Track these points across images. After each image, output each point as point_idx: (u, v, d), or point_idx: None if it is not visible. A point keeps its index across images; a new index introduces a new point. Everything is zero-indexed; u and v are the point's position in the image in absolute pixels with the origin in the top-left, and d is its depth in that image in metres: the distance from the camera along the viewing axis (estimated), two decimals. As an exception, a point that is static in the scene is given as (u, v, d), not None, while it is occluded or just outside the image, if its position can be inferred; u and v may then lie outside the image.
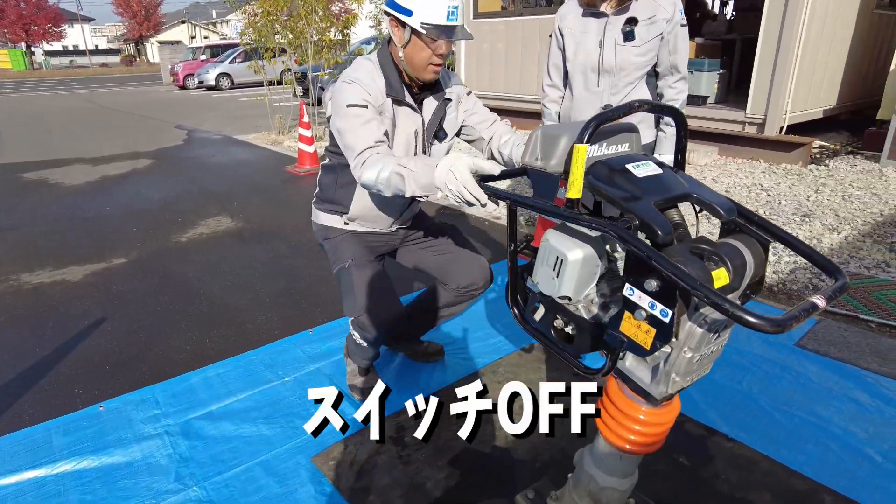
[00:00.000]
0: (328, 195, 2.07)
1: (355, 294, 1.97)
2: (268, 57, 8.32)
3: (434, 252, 2.20)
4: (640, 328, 1.12)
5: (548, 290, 1.33)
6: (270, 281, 3.46)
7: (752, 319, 0.92)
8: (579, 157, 1.15)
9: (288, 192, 5.57)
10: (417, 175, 1.54)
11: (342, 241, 2.07)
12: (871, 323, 2.72)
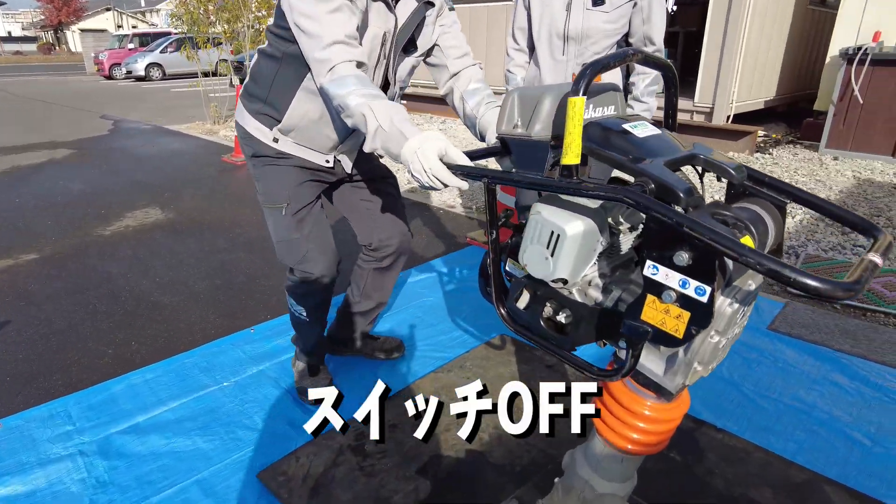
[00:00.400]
0: (260, 92, 1.69)
1: (290, 244, 1.80)
2: (201, 41, 7.80)
3: (363, 200, 1.96)
4: (670, 313, 0.93)
5: (540, 272, 1.12)
6: (206, 276, 3.12)
7: (820, 285, 0.75)
8: (576, 112, 0.95)
9: (224, 182, 5.17)
10: (387, 137, 1.30)
11: (274, 173, 1.75)
12: (835, 304, 2.69)
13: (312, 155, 1.76)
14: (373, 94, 1.37)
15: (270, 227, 1.84)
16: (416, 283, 2.96)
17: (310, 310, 1.92)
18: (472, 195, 4.63)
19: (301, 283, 1.86)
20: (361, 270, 2.08)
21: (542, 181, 1.04)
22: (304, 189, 1.78)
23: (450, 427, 1.87)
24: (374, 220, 1.97)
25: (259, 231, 3.81)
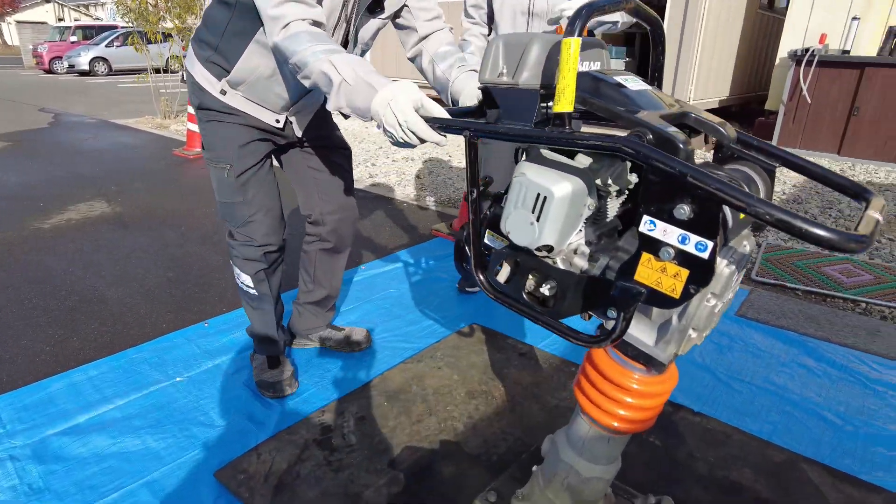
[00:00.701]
0: (211, 39, 1.58)
1: (232, 206, 1.71)
2: (150, 32, 7.46)
3: (311, 168, 1.86)
4: (666, 272, 0.87)
5: (524, 239, 1.05)
6: (157, 270, 2.93)
7: (832, 236, 0.70)
8: (571, 55, 0.88)
9: (176, 175, 4.92)
10: (352, 91, 1.20)
11: (219, 130, 1.64)
12: (797, 291, 2.73)
13: (262, 113, 1.65)
14: (331, 48, 1.27)
15: (214, 185, 1.73)
16: (380, 275, 2.86)
17: (256, 280, 1.81)
18: (434, 188, 4.55)
19: (242, 246, 1.76)
20: (308, 254, 2.00)
21: (531, 132, 0.97)
22: (249, 150, 1.67)
23: (422, 418, 1.78)
24: (319, 190, 1.87)
25: (214, 225, 3.62)
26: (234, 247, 1.79)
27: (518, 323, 2.37)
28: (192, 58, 1.64)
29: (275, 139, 1.74)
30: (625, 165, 1.10)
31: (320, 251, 1.97)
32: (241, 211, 1.71)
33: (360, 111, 1.21)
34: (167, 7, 7.32)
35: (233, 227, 1.76)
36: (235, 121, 1.63)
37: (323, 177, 1.87)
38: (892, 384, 1.99)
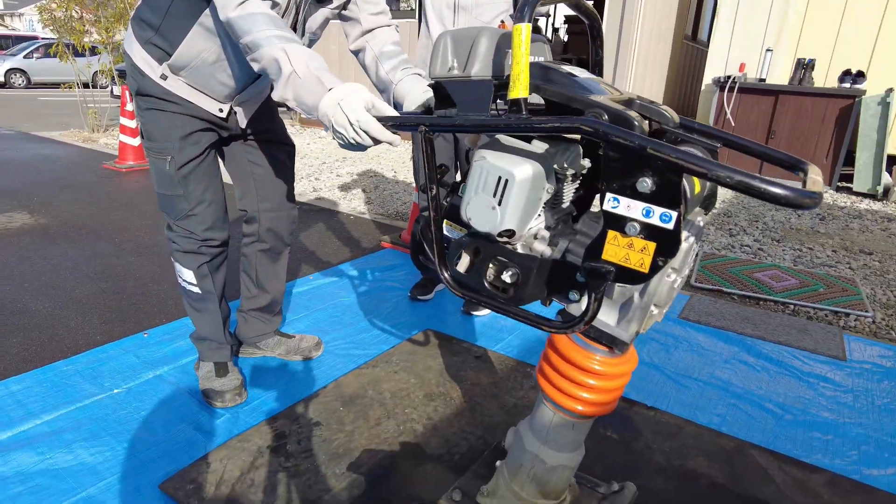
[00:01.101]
0: (153, 19, 1.49)
1: (173, 199, 1.64)
2: (77, 40, 7.13)
3: (252, 162, 1.80)
4: (633, 247, 0.89)
5: (486, 224, 1.05)
6: (88, 282, 2.74)
7: (788, 193, 0.74)
8: (522, 41, 0.90)
9: (107, 188, 4.67)
10: (302, 85, 1.17)
11: (159, 118, 1.56)
12: (733, 296, 2.88)
13: (205, 101, 1.58)
14: (287, 36, 1.24)
15: (153, 176, 1.65)
16: (329, 285, 2.80)
17: (199, 276, 1.73)
18: (381, 202, 4.53)
19: (182, 238, 1.68)
20: (247, 257, 1.93)
21: (489, 122, 0.98)
22: (191, 141, 1.60)
23: (380, 421, 1.74)
24: (258, 186, 1.81)
25: (151, 236, 3.45)
26: (173, 239, 1.70)
27: (472, 328, 2.38)
28: (132, 39, 1.54)
29: (218, 130, 1.67)
30: (578, 150, 1.14)
31: (259, 252, 1.90)
32: (181, 204, 1.63)
33: (307, 107, 1.18)
34: (96, 18, 7.02)
35: (172, 220, 1.68)
36: (177, 109, 1.55)
37: (262, 172, 1.81)
38: (822, 376, 2.12)
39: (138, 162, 5.45)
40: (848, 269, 3.31)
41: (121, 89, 7.51)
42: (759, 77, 5.99)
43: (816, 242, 3.81)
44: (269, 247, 1.90)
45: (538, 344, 2.25)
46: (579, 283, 1.02)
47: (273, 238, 1.89)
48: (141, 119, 1.60)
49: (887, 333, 2.54)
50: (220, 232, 1.72)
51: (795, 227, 4.19)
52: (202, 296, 1.76)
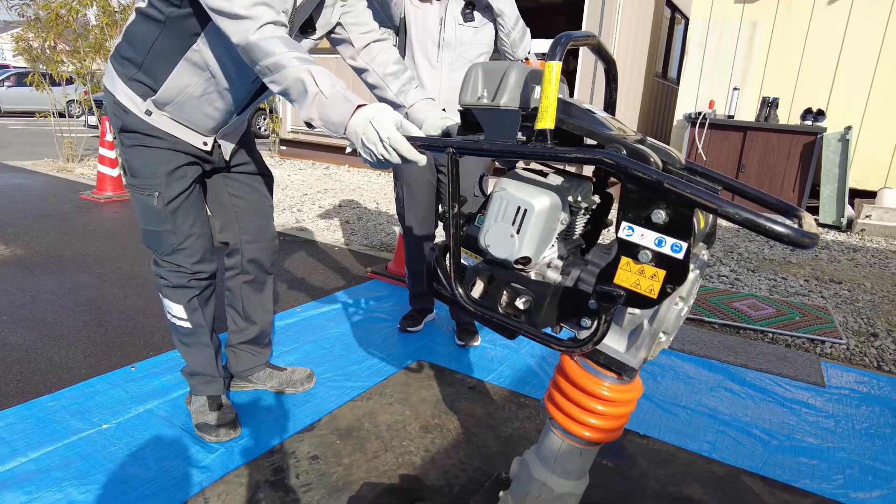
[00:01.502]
0: (135, 56, 1.48)
1: (160, 235, 1.64)
2: (54, 70, 7.09)
3: (232, 195, 1.80)
4: (644, 273, 0.94)
5: (503, 251, 1.10)
6: (70, 314, 2.68)
7: (791, 232, 0.80)
8: (552, 76, 0.97)
9: (85, 219, 4.59)
10: (328, 104, 1.21)
11: (144, 155, 1.55)
12: (714, 325, 2.96)
13: (189, 135, 1.59)
14: (308, 59, 1.27)
15: (138, 212, 1.64)
16: (317, 316, 2.79)
17: (189, 310, 1.72)
18: (365, 233, 4.55)
19: (171, 273, 1.68)
20: (232, 291, 1.92)
21: (516, 148, 1.03)
22: (177, 176, 1.60)
23: (378, 454, 1.73)
24: (239, 217, 1.82)
25: (133, 267, 3.40)
26: (161, 275, 1.69)
27: (464, 358, 2.39)
28: (113, 76, 1.54)
29: (202, 164, 1.68)
30: (589, 186, 1.20)
31: (244, 284, 1.90)
32: (169, 238, 1.63)
33: (333, 125, 1.22)
34: (72, 49, 7.01)
35: (159, 255, 1.67)
36: (161, 145, 1.56)
37: (243, 203, 1.82)
38: (804, 402, 2.19)
39: (117, 192, 5.39)
40: (820, 297, 3.44)
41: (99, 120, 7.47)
42: (728, 114, 6.26)
43: (789, 272, 3.95)
44: (252, 278, 1.90)
45: (530, 375, 2.28)
46: (591, 310, 1.05)
47: (256, 269, 1.89)
48: (124, 156, 1.59)
49: (861, 360, 2.64)
50: (209, 264, 1.72)
51: (768, 257, 4.34)
52: (192, 330, 1.75)
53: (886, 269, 4.16)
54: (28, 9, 6.94)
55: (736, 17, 6.35)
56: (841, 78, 5.99)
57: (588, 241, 1.27)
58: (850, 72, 5.93)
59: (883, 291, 3.60)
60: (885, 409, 2.15)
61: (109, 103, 1.56)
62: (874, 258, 4.44)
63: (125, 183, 1.64)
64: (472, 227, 1.21)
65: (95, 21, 6.98)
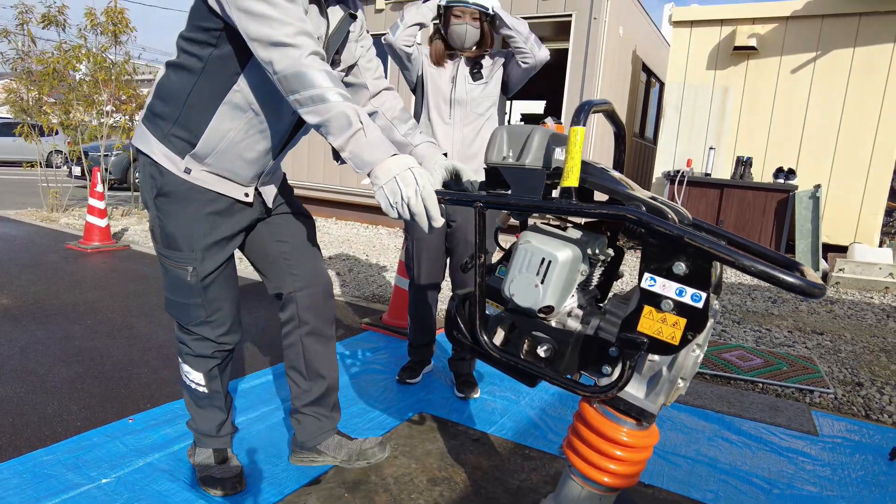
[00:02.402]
0: (169, 112, 1.43)
1: (188, 307, 1.57)
2: (44, 121, 7.15)
3: (279, 241, 1.70)
4: (666, 321, 1.00)
5: (528, 300, 1.16)
6: (62, 365, 2.63)
7: (802, 283, 0.88)
8: (578, 140, 1.06)
9: (72, 269, 4.54)
10: (366, 143, 1.23)
11: (181, 222, 1.48)
12: (706, 375, 3.02)
13: (231, 188, 1.53)
14: (351, 98, 1.28)
15: (166, 281, 1.58)
16: (316, 368, 2.77)
17: (209, 378, 1.69)
18: (357, 284, 4.57)
19: (196, 342, 1.64)
20: (293, 347, 1.75)
21: (543, 203, 1.11)
22: (217, 249, 1.54)
23: None
24: (289, 264, 1.70)
25: (124, 317, 3.36)
26: (185, 342, 1.65)
27: (465, 410, 2.40)
28: (147, 138, 1.47)
29: (242, 222, 1.60)
30: (604, 239, 1.27)
31: (305, 337, 1.73)
32: (197, 312, 1.58)
33: (361, 161, 1.25)
34: (66, 100, 7.10)
35: (183, 326, 1.63)
36: (202, 207, 1.49)
37: (289, 248, 1.71)
38: (800, 451, 2.23)
39: (104, 243, 5.35)
40: (804, 348, 3.53)
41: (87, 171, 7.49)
42: (705, 172, 6.54)
43: (773, 324, 4.06)
44: (312, 328, 1.73)
45: (531, 427, 2.29)
46: (611, 357, 1.11)
47: (315, 317, 1.73)
48: (159, 222, 1.51)
49: (849, 409, 2.70)
50: (235, 335, 1.68)
51: (752, 309, 4.46)
52: (208, 395, 1.72)
53: (863, 320, 4.30)
54: (22, 62, 7.05)
55: (708, 82, 6.75)
56: (808, 139, 6.35)
57: (602, 292, 1.34)
58: (816, 134, 6.30)
59: (863, 342, 3.72)
60: (878, 457, 2.21)
61: (144, 166, 1.50)
62: (851, 310, 4.59)
63: (158, 253, 1.55)
64: (492, 277, 1.27)
65: (87, 74, 7.11)
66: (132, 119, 7.61)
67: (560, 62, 6.91)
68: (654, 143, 7.67)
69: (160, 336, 3.09)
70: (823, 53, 6.19)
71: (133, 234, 6.37)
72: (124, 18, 6.90)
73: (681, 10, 6.93)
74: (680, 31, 6.85)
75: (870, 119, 6.05)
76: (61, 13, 6.85)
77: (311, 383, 1.76)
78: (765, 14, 6.40)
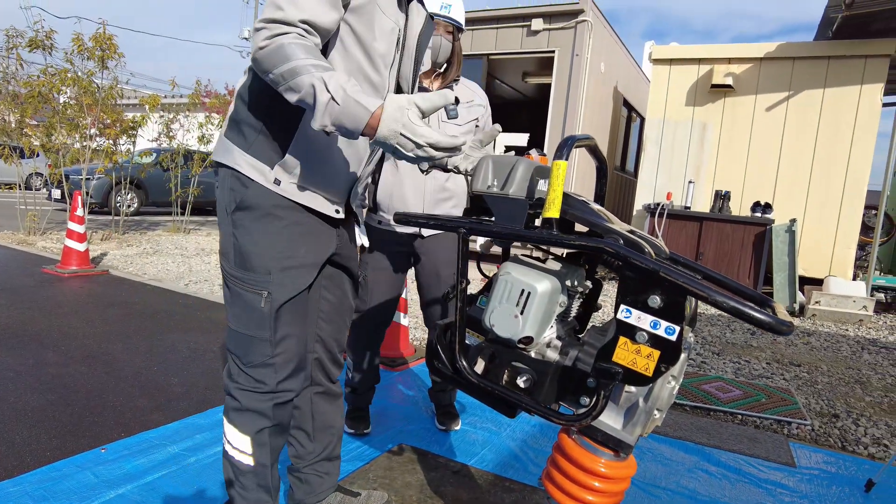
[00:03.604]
0: (253, 120, 1.28)
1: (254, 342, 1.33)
2: (26, 144, 7.11)
3: (325, 297, 1.53)
4: (640, 353, 1.02)
5: (508, 331, 1.17)
6: (33, 393, 2.57)
7: (770, 320, 0.91)
8: (560, 173, 1.09)
9: (48, 293, 4.46)
10: (345, 109, 1.07)
11: (263, 238, 1.30)
12: (685, 407, 3.03)
13: (321, 203, 1.35)
14: (324, 65, 1.13)
15: (232, 309, 1.36)
16: (295, 397, 2.74)
17: (257, 444, 1.36)
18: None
19: (247, 393, 1.35)
20: (300, 410, 1.59)
21: (524, 233, 1.13)
22: (297, 273, 1.34)
23: (364, 539, 1.68)
24: (319, 324, 1.54)
25: (100, 344, 3.30)
26: (233, 393, 1.36)
27: (445, 442, 2.38)
28: (229, 149, 1.31)
29: (327, 251, 1.41)
30: (582, 272, 1.30)
31: (315, 397, 1.59)
32: (262, 349, 1.33)
33: (348, 132, 1.11)
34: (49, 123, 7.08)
35: (240, 365, 1.36)
36: (286, 226, 1.32)
37: (328, 306, 1.54)
38: (778, 482, 2.25)
39: (82, 267, 5.28)
40: (782, 379, 3.58)
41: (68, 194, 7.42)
42: (685, 205, 6.68)
43: (751, 355, 4.11)
44: (325, 388, 1.60)
45: (512, 458, 2.28)
46: (589, 388, 1.12)
47: (323, 374, 1.59)
48: (234, 239, 1.33)
49: (826, 440, 2.73)
50: (297, 380, 1.41)
51: (731, 341, 4.52)
52: (253, 470, 1.38)
53: (839, 352, 4.38)
54: (7, 84, 7.04)
55: (687, 118, 6.95)
56: (783, 174, 6.54)
57: (581, 323, 1.36)
58: (790, 169, 6.49)
59: (839, 374, 3.77)
60: (854, 489, 2.23)
61: (224, 179, 1.33)
62: (827, 342, 4.67)
63: (227, 273, 1.35)
64: (474, 307, 1.29)
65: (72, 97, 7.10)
66: (115, 143, 7.60)
67: (544, 96, 7.08)
68: (634, 176, 7.84)
69: (137, 363, 3.03)
70: (796, 93, 6.43)
71: (112, 258, 6.29)
72: (112, 45, 6.94)
73: (660, 48, 7.17)
74: (660, 68, 7.07)
75: (840, 156, 6.26)
76: (49, 38, 6.87)
77: (315, 444, 1.62)
78: (740, 55, 6.64)
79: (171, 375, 2.89)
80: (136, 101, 11.66)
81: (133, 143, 8.19)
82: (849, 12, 5.59)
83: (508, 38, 7.07)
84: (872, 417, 3.02)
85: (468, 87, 2.35)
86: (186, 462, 2.04)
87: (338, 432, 1.65)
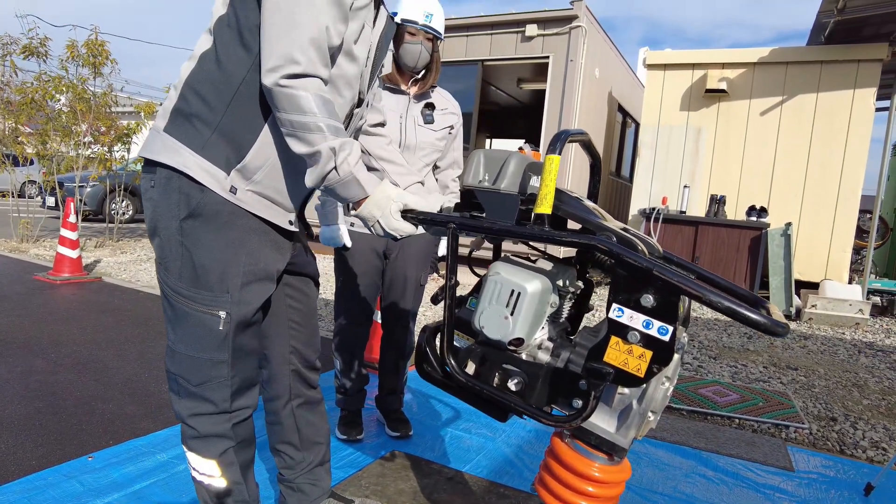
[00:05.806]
0: (209, 115, 1.14)
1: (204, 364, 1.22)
2: (19, 151, 7.07)
3: (291, 306, 1.46)
4: (632, 353, 1.00)
5: (498, 333, 1.15)
6: (20, 401, 2.53)
7: (765, 320, 0.89)
8: (553, 168, 1.07)
9: (39, 300, 4.42)
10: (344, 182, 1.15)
11: (217, 253, 1.18)
12: (682, 411, 3.01)
13: (275, 214, 1.25)
14: (337, 125, 1.14)
15: (180, 331, 1.23)
16: (288, 403, 2.70)
17: (224, 464, 1.29)
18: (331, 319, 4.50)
19: (201, 418, 1.26)
20: (282, 425, 1.51)
21: (515, 229, 1.11)
22: (258, 287, 1.24)
23: (355, 548, 1.65)
24: (293, 334, 1.47)
25: (90, 351, 3.26)
26: (188, 421, 1.26)
27: (439, 447, 2.34)
28: (176, 148, 1.15)
29: (283, 263, 1.33)
30: (574, 271, 1.28)
31: (297, 409, 1.51)
32: (217, 371, 1.23)
33: (340, 199, 1.23)
34: (43, 130, 7.05)
35: (190, 388, 1.24)
36: (244, 236, 1.21)
37: (297, 314, 1.48)
38: (776, 487, 2.22)
39: (74, 274, 5.23)
40: (780, 383, 3.55)
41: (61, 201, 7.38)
42: (680, 209, 6.67)
43: (748, 359, 4.09)
44: (304, 400, 1.52)
45: (507, 464, 2.25)
46: (581, 391, 1.09)
47: (303, 385, 1.52)
48: (183, 251, 1.19)
49: (824, 444, 2.70)
50: (251, 396, 1.32)
51: (727, 345, 4.50)
52: (227, 490, 1.32)
53: (836, 355, 4.36)
54: (2, 92, 7.01)
55: (682, 123, 6.95)
56: (778, 178, 6.54)
57: (573, 325, 1.33)
58: (785, 173, 6.49)
59: (836, 377, 3.75)
60: (853, 493, 2.20)
61: (171, 180, 1.17)
62: (823, 345, 4.65)
63: (171, 289, 1.20)
64: (463, 309, 1.26)
65: (66, 105, 7.08)
66: (110, 150, 7.57)
67: (538, 102, 7.08)
68: (629, 182, 7.84)
69: (127, 370, 2.99)
70: (789, 97, 6.45)
71: (106, 265, 6.24)
72: (104, 51, 6.92)
73: (654, 53, 7.19)
74: (654, 73, 7.09)
75: (835, 160, 6.27)
76: (43, 45, 6.85)
77: (305, 453, 1.55)
78: (734, 60, 6.66)
79: (162, 382, 2.84)
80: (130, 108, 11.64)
81: (128, 150, 8.17)
82: (841, 17, 5.62)
83: (503, 43, 7.08)
84: (870, 421, 3.00)
85: (443, 96, 2.39)
86: (175, 470, 2.00)
87: (326, 438, 1.60)
